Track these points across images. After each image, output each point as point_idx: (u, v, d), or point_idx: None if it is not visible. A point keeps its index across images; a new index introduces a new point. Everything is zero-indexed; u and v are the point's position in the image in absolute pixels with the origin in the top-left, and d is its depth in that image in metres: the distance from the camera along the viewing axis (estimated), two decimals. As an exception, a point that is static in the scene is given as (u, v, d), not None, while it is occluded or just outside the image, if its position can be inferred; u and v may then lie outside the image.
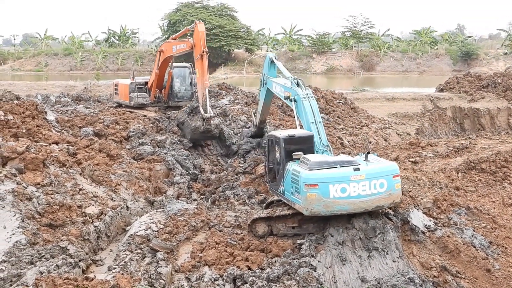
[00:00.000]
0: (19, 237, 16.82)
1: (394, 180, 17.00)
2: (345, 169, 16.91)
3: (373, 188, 16.77)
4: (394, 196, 17.05)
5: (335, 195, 16.70)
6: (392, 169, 17.18)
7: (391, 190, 16.92)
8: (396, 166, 17.43)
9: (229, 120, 34.17)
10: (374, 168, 17.05)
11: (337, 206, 16.77)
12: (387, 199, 16.93)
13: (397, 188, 17.11)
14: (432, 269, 16.15)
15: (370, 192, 16.75)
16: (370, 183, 16.76)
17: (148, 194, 23.81)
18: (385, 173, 16.96)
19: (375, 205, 16.90)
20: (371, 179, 16.78)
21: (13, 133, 24.55)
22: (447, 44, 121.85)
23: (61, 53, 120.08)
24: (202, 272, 16.16)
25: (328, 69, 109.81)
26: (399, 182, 17.19)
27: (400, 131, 40.31)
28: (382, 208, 17.22)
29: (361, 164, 17.18)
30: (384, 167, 17.21)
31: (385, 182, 16.83)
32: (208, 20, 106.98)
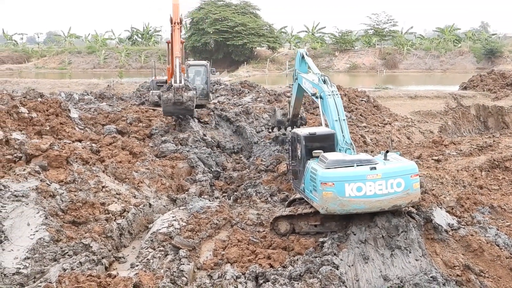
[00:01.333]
0: (43, 234, 16.93)
1: (412, 180, 16.80)
2: (361, 168, 16.83)
3: (389, 187, 16.66)
4: (412, 196, 16.87)
5: (351, 194, 16.65)
6: (410, 168, 17.00)
7: (409, 190, 16.75)
8: (415, 166, 17.23)
9: (251, 118, 34.20)
10: (391, 167, 16.92)
11: (353, 205, 16.72)
12: (404, 199, 16.79)
13: (415, 187, 16.90)
14: (455, 268, 16.04)
15: (387, 191, 16.65)
16: (387, 183, 16.65)
17: (170, 192, 23.87)
18: (403, 173, 16.80)
19: (392, 204, 16.78)
20: (388, 179, 16.67)
21: (37, 130, 24.75)
22: (470, 42, 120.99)
23: (85, 51, 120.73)
24: (224, 269, 16.15)
25: (350, 67, 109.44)
26: (417, 182, 16.99)
27: (423, 129, 40.11)
28: (399, 207, 17.06)
29: (378, 163, 17.07)
30: (402, 167, 17.03)
31: (403, 182, 16.68)
32: (230, 18, 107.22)
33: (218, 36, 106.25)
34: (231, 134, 32.89)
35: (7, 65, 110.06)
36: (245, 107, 35.62)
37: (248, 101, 39.40)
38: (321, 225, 18.19)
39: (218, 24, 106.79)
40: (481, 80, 51.75)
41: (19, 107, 25.96)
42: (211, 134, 31.90)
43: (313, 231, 18.28)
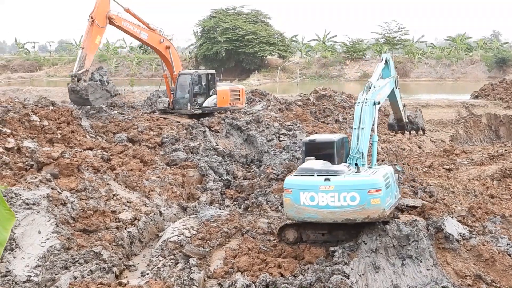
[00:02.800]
0: (54, 242, 16.99)
1: (370, 195, 16.54)
2: (317, 178, 16.91)
3: (342, 200, 16.62)
4: (370, 212, 16.57)
5: (305, 203, 16.87)
6: (369, 183, 16.74)
7: (365, 205, 16.53)
8: (378, 182, 16.83)
9: (262, 126, 34.20)
10: (347, 181, 16.79)
11: (306, 213, 16.98)
12: (359, 213, 16.60)
13: (374, 203, 16.55)
14: (467, 277, 15.97)
15: (339, 204, 16.63)
16: (340, 195, 16.63)
17: (181, 200, 23.90)
18: (359, 187, 16.64)
19: (345, 217, 16.73)
20: (341, 191, 16.63)
21: (49, 138, 24.85)
22: (482, 51, 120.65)
23: (96, 59, 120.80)
24: (234, 278, 16.15)
25: (361, 75, 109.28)
26: (377, 198, 16.61)
27: (435, 138, 40.04)
28: (354, 221, 16.92)
29: (340, 175, 17.00)
30: (359, 181, 16.86)
31: (358, 196, 16.54)
32: (241, 27, 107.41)
33: (229, 45, 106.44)
34: (242, 142, 32.90)
35: (19, 73, 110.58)
36: (256, 115, 35.63)
37: (259, 110, 39.39)
38: (329, 234, 18.14)
39: (229, 33, 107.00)
40: (493, 89, 51.61)
41: (31, 115, 26.07)
42: (222, 142, 31.94)
43: (321, 240, 18.23)
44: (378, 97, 19.74)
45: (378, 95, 19.86)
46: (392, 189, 17.56)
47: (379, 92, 20.11)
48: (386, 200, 16.79)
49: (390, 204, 17.23)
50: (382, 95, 20.62)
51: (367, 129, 18.64)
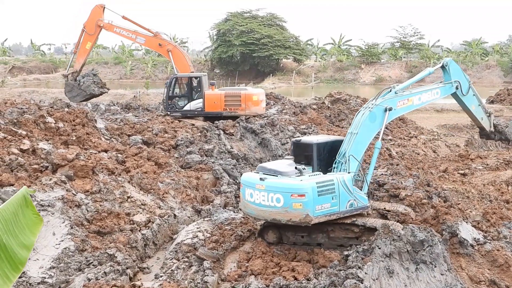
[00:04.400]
0: (68, 244, 17.05)
1: (293, 199, 16.75)
2: (257, 176, 17.58)
3: (270, 200, 17.09)
4: (292, 215, 16.87)
5: (248, 199, 17.69)
6: (293, 187, 16.93)
7: (288, 208, 16.85)
8: (301, 186, 16.95)
9: (277, 130, 34.20)
10: (276, 182, 17.14)
11: (248, 209, 17.85)
12: (283, 215, 17.00)
13: (296, 207, 16.80)
14: (481, 283, 15.88)
15: (268, 203, 17.13)
16: (268, 195, 17.12)
17: (195, 203, 23.92)
18: (283, 190, 16.94)
19: (272, 217, 17.29)
20: (269, 192, 17.11)
21: (64, 140, 24.96)
22: (498, 56, 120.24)
23: (111, 61, 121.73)
24: (248, 281, 16.13)
25: (376, 79, 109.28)
26: (299, 202, 16.79)
27: (449, 142, 39.88)
28: (279, 222, 17.39)
29: (279, 176, 17.33)
30: (284, 184, 17.07)
31: (282, 198, 16.88)
32: (257, 30, 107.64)
33: (244, 48, 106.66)
34: (256, 145, 32.92)
35: (34, 75, 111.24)
36: (271, 119, 35.63)
37: (273, 113, 39.42)
38: (308, 236, 18.20)
39: (244, 36, 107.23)
40: (508, 94, 51.53)
41: (46, 117, 26.21)
42: (237, 145, 31.97)
43: (300, 242, 18.25)
44: (399, 104, 19.66)
45: (400, 102, 19.75)
46: (329, 197, 17.29)
47: (403, 98, 19.92)
48: (313, 206, 16.87)
49: (327, 212, 17.25)
50: (412, 101, 20.44)
51: (361, 135, 18.55)
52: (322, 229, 17.98)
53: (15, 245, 6.15)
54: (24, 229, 6.27)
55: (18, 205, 6.26)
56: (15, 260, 6.12)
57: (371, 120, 18.85)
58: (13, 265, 6.11)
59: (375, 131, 19.08)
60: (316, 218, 17.05)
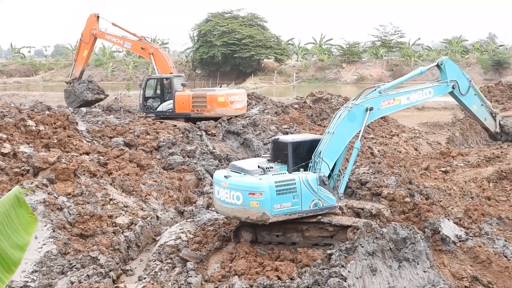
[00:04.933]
0: (50, 247, 16.98)
1: (250, 197, 16.98)
2: (223, 174, 18.04)
3: (231, 198, 17.36)
4: (250, 213, 17.10)
5: (216, 195, 18.10)
6: (250, 186, 17.13)
7: (246, 206, 17.09)
8: (258, 185, 17.09)
9: (259, 130, 34.21)
10: (237, 180, 17.44)
11: (217, 205, 18.32)
12: (242, 213, 17.27)
13: (253, 206, 17.00)
14: (463, 279, 15.98)
15: (230, 201, 17.42)
16: (230, 193, 17.41)
17: (178, 204, 23.90)
18: (242, 188, 17.17)
19: (233, 214, 17.66)
20: (231, 190, 17.40)
21: (45, 143, 24.82)
22: (478, 53, 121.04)
23: (92, 63, 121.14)
24: (232, 282, 16.12)
25: (358, 78, 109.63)
26: (256, 201, 16.98)
27: (431, 140, 40.07)
28: (240, 219, 17.71)
29: (243, 174, 17.65)
30: (243, 182, 17.34)
31: (241, 196, 17.13)
32: (238, 30, 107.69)
33: (225, 49, 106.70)
34: (239, 146, 32.93)
35: (14, 78, 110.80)
36: (252, 119, 35.62)
37: (255, 113, 39.43)
38: (283, 236, 18.25)
39: (225, 37, 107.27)
40: (489, 91, 51.71)
41: (27, 120, 26.05)
42: (219, 146, 31.96)
43: (275, 241, 18.32)
44: (383, 104, 19.33)
45: (385, 102, 19.40)
46: (289, 197, 17.30)
47: (388, 98, 19.57)
48: (270, 205, 16.98)
49: (287, 211, 17.31)
50: (399, 101, 20.04)
51: (337, 135, 18.43)
52: (297, 228, 18.06)
53: (8, 246, 6.12)
54: (17, 229, 6.24)
55: (9, 205, 6.22)
56: (7, 261, 6.10)
57: (350, 120, 18.70)
58: (6, 266, 6.09)
59: (354, 131, 18.89)
60: (274, 217, 17.15)
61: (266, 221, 17.16)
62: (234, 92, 37.73)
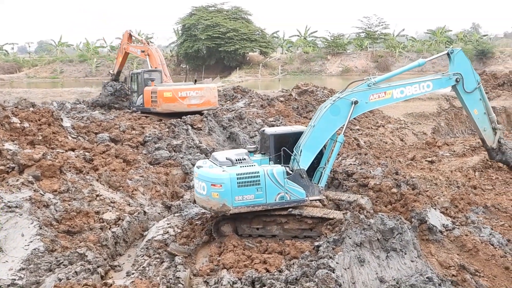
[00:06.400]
0: (37, 245, 16.90)
1: (212, 189, 17.26)
2: (199, 165, 18.39)
3: (200, 189, 17.75)
4: (212, 203, 17.41)
5: (194, 185, 18.80)
6: (212, 177, 17.38)
7: (209, 197, 17.39)
8: (218, 177, 17.31)
9: (244, 123, 34.19)
10: (203, 171, 17.74)
11: (195, 196, 18.74)
12: (207, 203, 17.61)
13: (214, 197, 17.27)
14: (451, 268, 16.04)
15: (199, 191, 17.83)
16: (199, 183, 17.80)
17: (165, 199, 23.86)
18: (206, 179, 17.48)
19: (202, 205, 18.01)
20: (199, 180, 17.78)
21: (30, 140, 24.70)
22: (462, 43, 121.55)
23: (76, 59, 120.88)
24: (220, 275, 16.11)
25: (343, 70, 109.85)
26: (217, 192, 17.22)
27: (417, 131, 40.18)
28: (206, 209, 18.05)
29: (213, 166, 17.93)
30: (207, 173, 17.60)
31: (205, 187, 17.46)
32: (222, 24, 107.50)
33: (210, 42, 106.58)
34: (225, 139, 32.91)
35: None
36: (238, 112, 35.61)
37: (241, 106, 39.44)
38: (263, 229, 18.30)
39: (210, 30, 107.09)
40: (474, 80, 51.88)
41: (11, 117, 25.90)
42: (205, 140, 31.91)
43: (256, 234, 18.36)
44: (372, 97, 19.12)
45: (374, 95, 19.19)
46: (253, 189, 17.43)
47: (378, 91, 19.32)
48: (231, 196, 17.16)
49: (250, 203, 17.43)
50: (392, 94, 19.73)
51: (319, 128, 18.45)
52: (276, 221, 18.11)
53: None
54: None
55: None
56: None
57: (333, 113, 18.57)
58: None
59: (338, 125, 18.74)
60: (235, 209, 17.32)
61: (227, 212, 17.36)
62: (188, 88, 36.82)
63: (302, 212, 17.91)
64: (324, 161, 18.79)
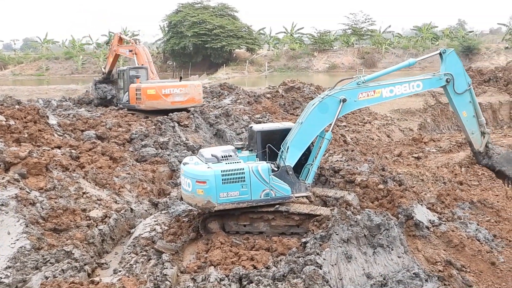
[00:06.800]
0: (24, 243, 16.82)
1: (197, 185, 17.30)
2: (185, 161, 18.45)
3: (185, 185, 17.82)
4: (197, 200, 17.45)
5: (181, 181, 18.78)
6: (197, 174, 17.43)
7: (194, 193, 17.45)
8: (203, 173, 17.37)
9: (231, 120, 34.19)
10: (189, 168, 17.78)
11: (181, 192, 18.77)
12: (192, 200, 17.63)
13: (199, 193, 17.34)
14: (437, 263, 16.11)
15: (185, 188, 17.87)
16: (185, 180, 17.85)
17: (152, 196, 23.82)
18: (191, 176, 17.51)
19: (188, 201, 18.04)
20: (185, 177, 17.84)
21: (15, 138, 24.55)
22: (448, 40, 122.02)
23: (62, 56, 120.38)
24: (207, 272, 16.10)
25: (329, 67, 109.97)
26: (201, 189, 17.28)
27: (403, 127, 40.31)
28: (191, 205, 18.09)
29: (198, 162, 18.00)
30: (193, 170, 17.64)
31: (191, 183, 17.49)
32: (208, 21, 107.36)
33: (196, 39, 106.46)
34: (212, 136, 32.90)
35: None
36: (225, 109, 35.61)
37: (227, 103, 39.43)
38: (250, 225, 18.33)
39: (196, 27, 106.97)
40: (459, 77, 52.09)
41: (-4, 115, 25.78)
42: (192, 137, 31.87)
43: (243, 231, 18.39)
44: (361, 95, 18.91)
45: (363, 93, 18.96)
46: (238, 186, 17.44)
47: (367, 90, 19.07)
48: (215, 193, 17.22)
49: (235, 199, 17.47)
50: (381, 93, 19.37)
51: (307, 126, 18.36)
52: (263, 217, 18.14)
53: None
54: None
55: None
56: None
57: (321, 110, 18.48)
58: None
59: (325, 122, 18.64)
60: (220, 205, 17.34)
61: (212, 209, 17.37)
62: (172, 85, 36.44)
63: (289, 208, 17.93)
64: (311, 158, 18.78)
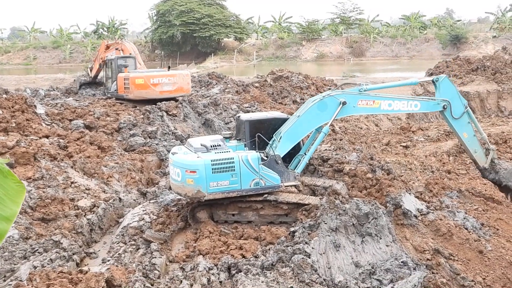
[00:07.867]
0: (12, 232, 16.75)
1: (187, 175, 17.35)
2: (174, 151, 18.54)
3: (175, 175, 17.83)
4: (187, 190, 17.51)
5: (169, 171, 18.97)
6: (187, 164, 17.47)
7: (184, 183, 17.49)
8: (192, 163, 17.39)
9: (220, 109, 34.16)
10: (178, 158, 17.83)
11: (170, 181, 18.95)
12: (181, 189, 17.70)
13: (189, 183, 17.38)
14: (425, 252, 16.17)
15: (174, 178, 17.90)
16: (174, 169, 17.88)
17: (140, 186, 23.79)
18: (181, 165, 17.56)
19: (177, 191, 18.11)
20: (174, 167, 17.86)
21: (3, 127, 24.46)
22: (436, 29, 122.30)
23: (50, 46, 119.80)
24: (196, 261, 16.12)
25: (318, 56, 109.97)
26: (191, 178, 17.35)
27: (391, 116, 40.31)
28: (181, 195, 18.23)
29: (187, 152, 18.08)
30: (182, 159, 17.69)
31: (180, 173, 17.53)
32: (197, 10, 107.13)
33: (184, 28, 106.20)
34: (200, 126, 32.86)
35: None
36: (214, 98, 35.57)
37: (216, 93, 39.37)
38: (239, 215, 18.40)
39: (184, 16, 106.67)
40: (447, 66, 52.15)
41: (-16, 105, 25.66)
42: (180, 126, 31.83)
43: (231, 220, 18.47)
44: (360, 103, 19.01)
45: (362, 101, 19.07)
46: (227, 175, 17.53)
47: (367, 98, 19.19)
48: (205, 182, 17.27)
49: (225, 189, 17.55)
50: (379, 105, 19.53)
51: (303, 120, 18.47)
52: (252, 207, 18.21)
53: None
54: (3, 200, 5.99)
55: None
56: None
57: (320, 108, 18.57)
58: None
59: (322, 121, 18.78)
60: (210, 195, 17.40)
61: (201, 198, 17.44)
62: (160, 74, 36.45)
63: (277, 198, 17.96)
64: (305, 149, 18.87)
